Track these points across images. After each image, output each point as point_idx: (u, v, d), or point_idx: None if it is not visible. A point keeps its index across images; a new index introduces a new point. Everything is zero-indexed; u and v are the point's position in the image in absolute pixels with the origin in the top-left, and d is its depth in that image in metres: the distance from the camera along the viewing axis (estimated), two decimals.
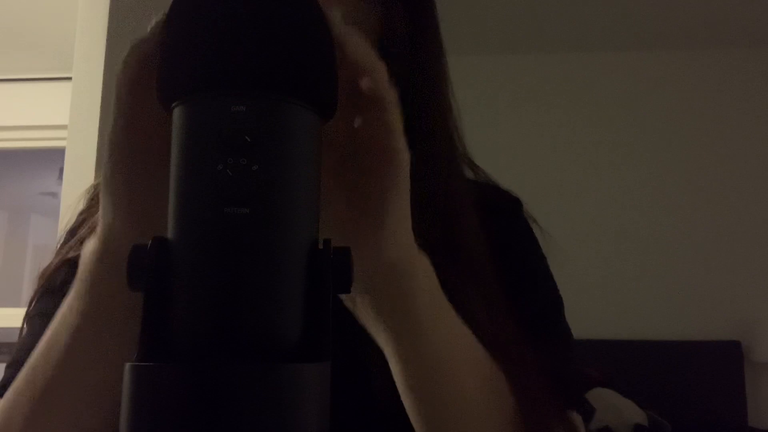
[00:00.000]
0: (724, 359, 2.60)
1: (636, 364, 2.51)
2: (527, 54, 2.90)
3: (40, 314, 0.53)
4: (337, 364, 0.39)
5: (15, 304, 2.75)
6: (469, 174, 0.58)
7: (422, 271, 0.39)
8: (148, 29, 0.34)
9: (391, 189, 0.36)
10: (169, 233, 0.29)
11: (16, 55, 2.54)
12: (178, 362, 0.28)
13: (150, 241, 0.29)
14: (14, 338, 0.55)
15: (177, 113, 0.30)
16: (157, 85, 0.31)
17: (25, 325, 0.55)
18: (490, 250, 0.51)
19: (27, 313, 0.56)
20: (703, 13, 2.59)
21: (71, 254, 0.53)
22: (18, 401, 0.43)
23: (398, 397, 0.45)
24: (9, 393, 0.44)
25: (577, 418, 0.51)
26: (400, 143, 0.36)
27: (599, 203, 2.81)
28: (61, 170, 1.79)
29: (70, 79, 1.79)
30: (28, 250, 3.83)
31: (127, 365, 0.27)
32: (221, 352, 0.27)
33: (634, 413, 2.17)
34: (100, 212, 0.38)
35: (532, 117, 2.89)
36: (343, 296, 0.39)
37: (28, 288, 3.02)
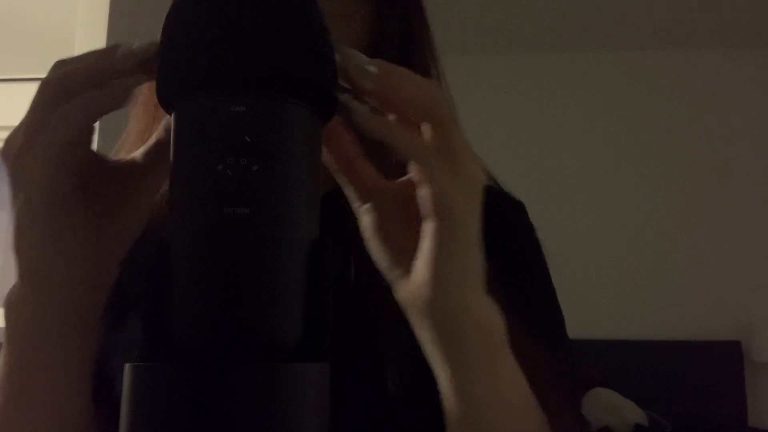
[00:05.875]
0: (724, 359, 2.60)
1: (636, 364, 2.51)
2: (527, 54, 2.90)
3: None
4: (352, 365, 0.38)
5: None
6: None
7: (484, 325, 0.38)
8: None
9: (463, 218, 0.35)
10: (170, 233, 0.29)
11: (16, 55, 2.53)
12: (178, 362, 0.28)
13: (150, 241, 0.29)
14: None
15: (177, 113, 0.30)
16: (156, 86, 0.31)
17: None
18: (490, 256, 0.51)
19: None
20: (703, 13, 2.59)
21: None
22: None
23: (412, 400, 0.45)
24: None
25: None
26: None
27: (599, 203, 2.81)
28: None
29: None
30: None
31: (127, 365, 0.27)
32: (221, 352, 0.27)
33: (634, 413, 2.17)
34: (21, 259, 0.36)
35: (531, 117, 2.89)
36: (401, 302, 0.38)
37: None
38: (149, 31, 0.36)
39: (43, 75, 0.36)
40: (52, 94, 0.34)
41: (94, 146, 0.38)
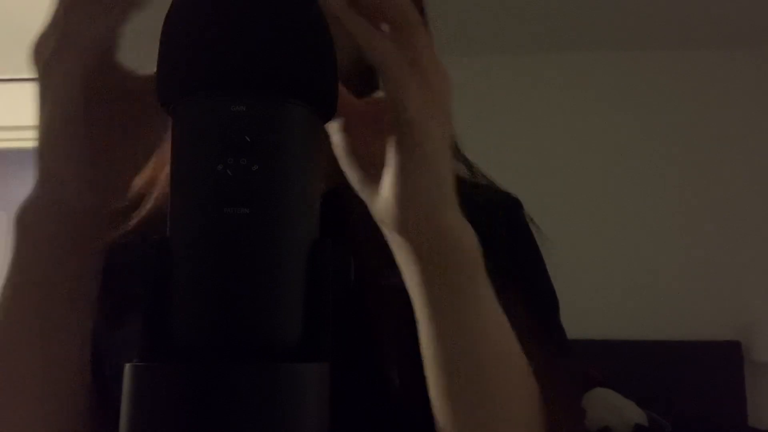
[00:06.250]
0: (724, 359, 2.60)
1: (636, 364, 2.51)
2: (527, 54, 2.90)
3: None
4: (352, 365, 0.38)
5: None
6: (466, 174, 0.58)
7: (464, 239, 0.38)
8: None
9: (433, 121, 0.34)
10: (170, 233, 0.29)
11: (16, 55, 2.54)
12: (178, 362, 0.28)
13: (150, 241, 0.29)
14: None
15: (177, 113, 0.30)
16: (156, 86, 0.31)
17: None
18: (488, 252, 0.51)
19: None
20: (703, 13, 2.59)
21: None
22: None
23: (413, 400, 0.45)
24: None
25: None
26: (441, 66, 0.35)
27: (599, 203, 2.81)
28: None
29: None
30: None
31: (127, 365, 0.27)
32: (221, 351, 0.27)
33: (634, 413, 2.17)
34: (44, 162, 0.36)
35: (531, 117, 2.89)
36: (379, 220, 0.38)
37: None
38: (149, 31, 0.36)
39: None
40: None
41: None
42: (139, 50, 0.40)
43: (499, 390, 0.41)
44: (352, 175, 0.38)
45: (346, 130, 0.38)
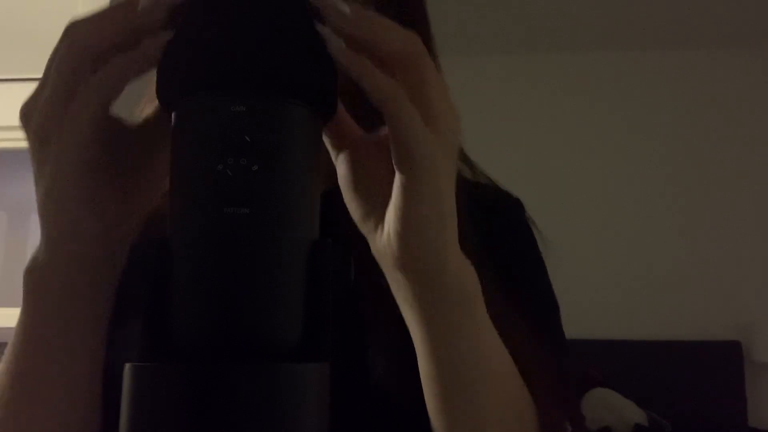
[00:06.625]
0: (724, 359, 2.60)
1: (636, 364, 2.51)
2: (527, 54, 2.90)
3: None
4: (352, 365, 0.38)
5: (15, 304, 2.74)
6: (467, 174, 0.58)
7: (467, 282, 0.38)
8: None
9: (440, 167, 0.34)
10: (170, 233, 0.29)
11: (16, 55, 2.53)
12: (178, 362, 0.28)
13: (150, 241, 0.29)
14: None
15: (177, 113, 0.30)
16: (157, 85, 0.31)
17: None
18: (488, 252, 0.51)
19: None
20: (703, 13, 2.59)
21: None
22: None
23: (397, 391, 0.45)
24: None
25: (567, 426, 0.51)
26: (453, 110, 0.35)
27: (599, 203, 2.81)
28: None
29: None
30: (28, 250, 3.81)
31: (127, 365, 0.27)
32: (221, 352, 0.27)
33: (634, 413, 2.17)
34: (54, 212, 0.35)
35: (531, 117, 2.89)
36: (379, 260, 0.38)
37: None
38: None
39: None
40: (78, 60, 0.32)
41: None
42: None
43: (495, 417, 0.42)
44: (354, 208, 0.38)
45: (352, 162, 0.37)
